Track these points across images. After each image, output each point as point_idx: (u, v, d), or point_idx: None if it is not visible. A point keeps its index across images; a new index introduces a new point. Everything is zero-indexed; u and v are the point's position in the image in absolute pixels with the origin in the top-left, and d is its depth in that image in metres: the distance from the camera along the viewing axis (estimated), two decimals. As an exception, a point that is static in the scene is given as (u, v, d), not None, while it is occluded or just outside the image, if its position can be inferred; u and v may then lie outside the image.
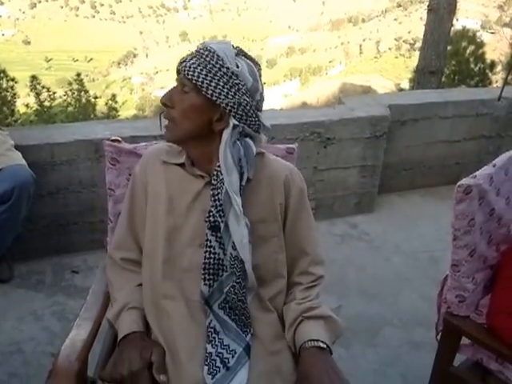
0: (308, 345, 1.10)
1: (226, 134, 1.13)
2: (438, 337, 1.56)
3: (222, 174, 1.12)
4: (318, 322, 1.15)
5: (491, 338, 1.39)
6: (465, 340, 1.49)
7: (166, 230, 1.17)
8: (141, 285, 1.22)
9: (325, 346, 1.10)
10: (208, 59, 1.12)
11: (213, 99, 1.11)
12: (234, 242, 1.10)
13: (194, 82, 1.11)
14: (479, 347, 1.48)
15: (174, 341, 1.10)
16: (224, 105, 1.12)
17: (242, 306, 1.13)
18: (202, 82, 1.11)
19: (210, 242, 1.12)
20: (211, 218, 1.11)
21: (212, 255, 1.12)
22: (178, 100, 1.14)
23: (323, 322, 1.15)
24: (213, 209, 1.11)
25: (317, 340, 1.10)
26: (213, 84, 1.11)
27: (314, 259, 1.26)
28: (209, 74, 1.11)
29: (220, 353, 1.08)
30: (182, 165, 1.22)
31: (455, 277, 1.43)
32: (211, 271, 1.12)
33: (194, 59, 1.12)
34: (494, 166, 1.44)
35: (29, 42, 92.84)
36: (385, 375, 1.96)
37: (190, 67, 1.11)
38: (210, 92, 1.11)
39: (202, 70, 1.11)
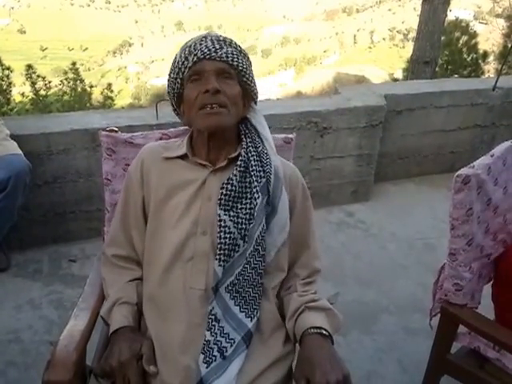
0: (311, 331, 1.10)
1: (257, 117, 1.23)
2: (432, 322, 1.58)
3: (266, 156, 1.17)
4: (319, 313, 1.15)
5: (488, 326, 1.41)
6: (462, 328, 1.50)
7: (167, 223, 1.17)
8: (132, 280, 1.22)
9: (327, 334, 1.10)
10: (239, 48, 1.17)
11: (250, 86, 1.19)
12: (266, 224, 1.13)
13: (239, 68, 1.14)
14: (476, 335, 1.49)
15: (167, 333, 1.10)
16: (255, 91, 1.20)
17: (254, 289, 1.12)
18: (246, 70, 1.16)
19: (224, 221, 1.12)
20: (227, 194, 1.13)
21: (227, 235, 1.11)
22: (225, 86, 1.12)
23: (324, 314, 1.15)
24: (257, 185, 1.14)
25: (320, 327, 1.10)
26: (248, 71, 1.17)
27: (314, 253, 1.27)
28: (246, 63, 1.17)
29: (219, 341, 1.07)
30: (181, 157, 1.22)
31: (452, 265, 1.44)
32: (226, 252, 1.11)
33: (229, 47, 1.14)
34: (492, 155, 1.44)
35: (24, 31, 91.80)
36: (381, 361, 1.98)
37: (233, 54, 1.14)
38: (249, 79, 1.17)
39: (242, 58, 1.15)
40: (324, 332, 1.09)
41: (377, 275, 2.49)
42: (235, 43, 1.17)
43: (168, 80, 1.21)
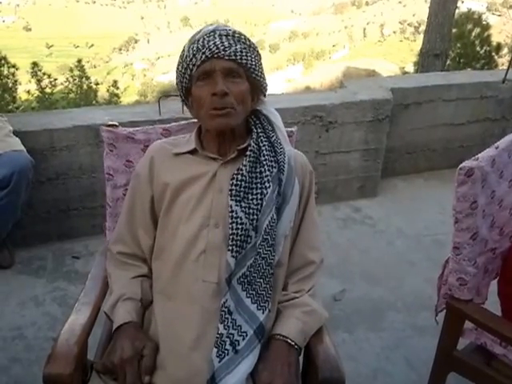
0: (277, 337, 1.11)
1: (268, 107, 1.24)
2: (437, 318, 1.56)
3: (280, 145, 1.18)
4: (293, 312, 1.15)
5: (494, 321, 1.38)
6: (468, 324, 1.48)
7: (179, 217, 1.17)
8: (137, 276, 1.22)
9: (293, 343, 1.10)
10: (248, 43, 1.16)
11: (260, 81, 1.18)
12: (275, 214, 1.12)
13: (248, 66, 1.14)
14: (483, 331, 1.47)
15: (178, 328, 1.09)
16: (264, 85, 1.20)
17: (265, 280, 1.11)
18: (255, 66, 1.15)
19: (236, 212, 1.11)
20: (237, 186, 1.13)
21: (239, 226, 1.11)
22: (233, 86, 1.12)
23: (300, 313, 1.15)
24: (266, 173, 1.14)
25: (286, 336, 1.10)
26: (257, 67, 1.16)
27: (310, 243, 1.25)
28: (255, 58, 1.16)
29: (231, 334, 1.07)
30: (191, 152, 1.23)
31: (456, 259, 1.41)
32: (238, 243, 1.10)
33: (238, 44, 1.13)
34: (497, 147, 1.41)
35: (29, 29, 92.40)
36: (388, 359, 1.95)
37: (241, 52, 1.13)
38: (258, 75, 1.17)
39: (251, 54, 1.15)
40: (289, 341, 1.09)
41: (384, 272, 2.46)
42: (244, 37, 1.16)
43: (176, 72, 1.21)
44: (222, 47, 1.11)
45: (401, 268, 2.50)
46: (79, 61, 11.24)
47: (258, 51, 1.19)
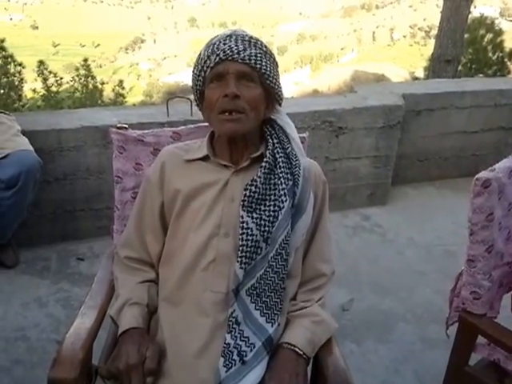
0: (285, 346, 1.09)
1: (283, 117, 1.22)
2: (448, 331, 1.53)
3: (296, 158, 1.16)
4: (302, 322, 1.14)
5: (508, 337, 1.34)
6: (481, 339, 1.44)
7: (189, 225, 1.16)
8: (144, 282, 1.21)
9: (301, 352, 1.08)
10: (264, 49, 1.14)
11: (274, 88, 1.16)
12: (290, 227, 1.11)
13: (262, 71, 1.12)
14: (496, 347, 1.43)
15: (185, 336, 1.08)
16: (279, 93, 1.18)
17: (276, 294, 1.10)
18: (270, 72, 1.13)
19: (247, 223, 1.10)
20: (250, 196, 1.11)
21: (249, 237, 1.09)
22: (245, 90, 1.10)
23: (309, 322, 1.13)
24: (282, 186, 1.12)
25: (294, 345, 1.09)
26: (272, 74, 1.14)
27: (321, 255, 1.23)
28: (271, 64, 1.14)
29: (238, 344, 1.06)
30: (203, 158, 1.21)
31: (470, 273, 1.38)
32: (248, 254, 1.09)
33: (253, 49, 1.11)
34: None
35: (37, 27, 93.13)
36: (397, 372, 1.92)
37: (256, 56, 1.11)
38: (273, 81, 1.15)
39: (267, 60, 1.13)
40: (298, 351, 1.08)
41: (393, 282, 2.42)
42: (261, 43, 1.15)
43: (192, 74, 1.20)
44: (237, 50, 1.10)
45: (410, 278, 2.46)
46: (85, 60, 11.30)
47: (274, 58, 1.17)
